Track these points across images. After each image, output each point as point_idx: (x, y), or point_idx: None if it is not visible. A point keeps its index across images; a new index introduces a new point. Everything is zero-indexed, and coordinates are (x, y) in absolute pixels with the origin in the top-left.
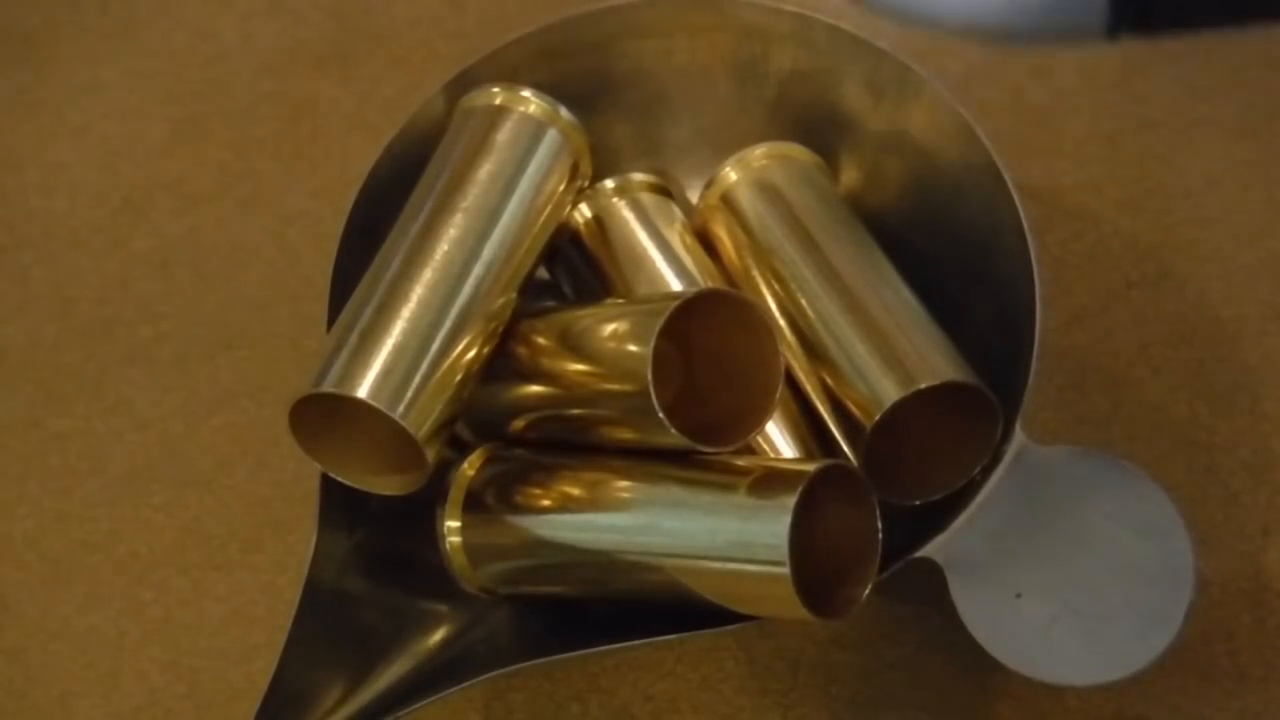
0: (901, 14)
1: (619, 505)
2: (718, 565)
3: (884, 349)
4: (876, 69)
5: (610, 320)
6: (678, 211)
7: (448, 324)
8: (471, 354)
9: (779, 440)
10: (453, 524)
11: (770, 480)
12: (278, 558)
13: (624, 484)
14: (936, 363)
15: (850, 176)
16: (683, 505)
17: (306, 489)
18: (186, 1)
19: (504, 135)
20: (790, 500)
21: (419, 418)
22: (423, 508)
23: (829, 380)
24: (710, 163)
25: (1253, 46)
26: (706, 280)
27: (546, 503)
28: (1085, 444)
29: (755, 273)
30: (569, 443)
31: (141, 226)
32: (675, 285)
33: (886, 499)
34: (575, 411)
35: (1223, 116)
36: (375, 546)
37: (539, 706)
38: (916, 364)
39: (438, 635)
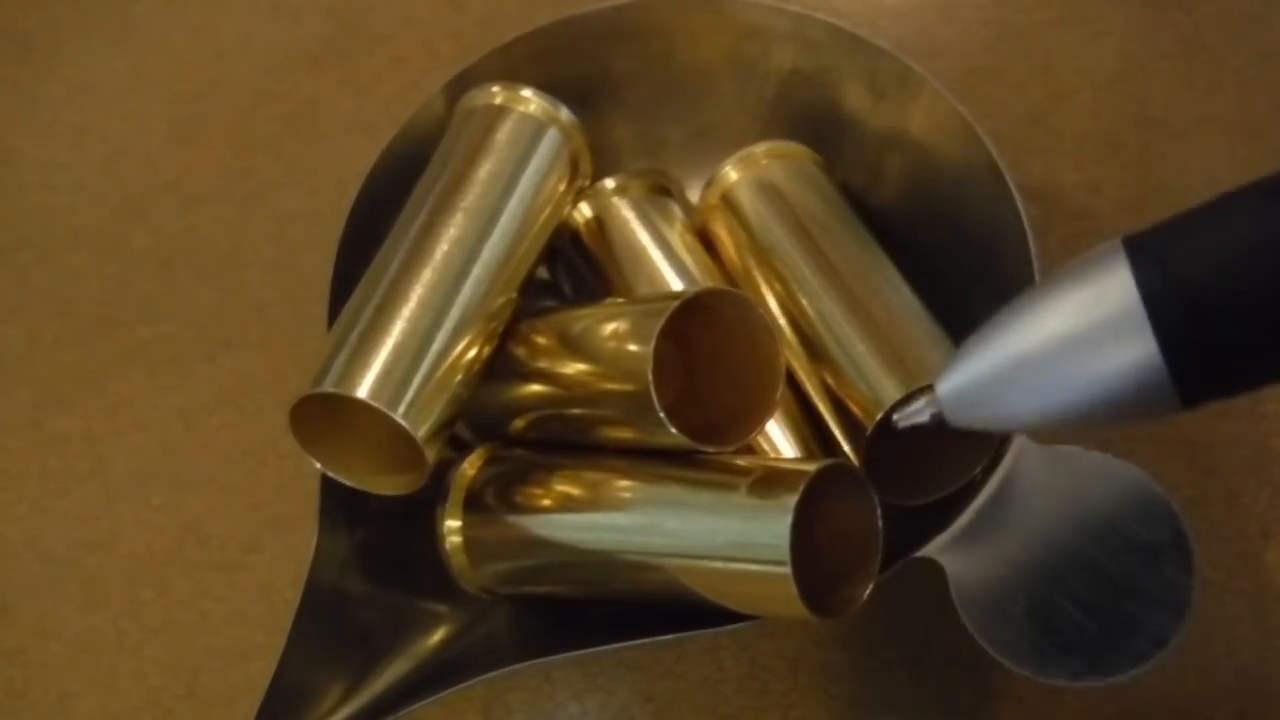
0: (980, 425)
1: (619, 505)
2: (718, 565)
3: (885, 348)
4: (877, 68)
5: (611, 320)
6: (678, 211)
7: (448, 324)
8: (472, 354)
9: (780, 440)
10: (453, 524)
11: (771, 480)
12: (277, 558)
13: (624, 484)
14: (937, 362)
15: (851, 176)
16: (683, 505)
17: (307, 489)
18: (186, 1)
19: (504, 135)
20: (791, 500)
21: (419, 418)
22: (423, 508)
23: (830, 380)
24: (710, 162)
25: (1253, 47)
26: (707, 280)
27: (547, 503)
28: (1085, 444)
29: (756, 272)
30: (569, 443)
31: (141, 226)
32: (676, 285)
33: (887, 499)
34: (576, 411)
35: (1223, 116)
36: (375, 546)
37: (538, 706)
38: (917, 363)
39: (438, 635)
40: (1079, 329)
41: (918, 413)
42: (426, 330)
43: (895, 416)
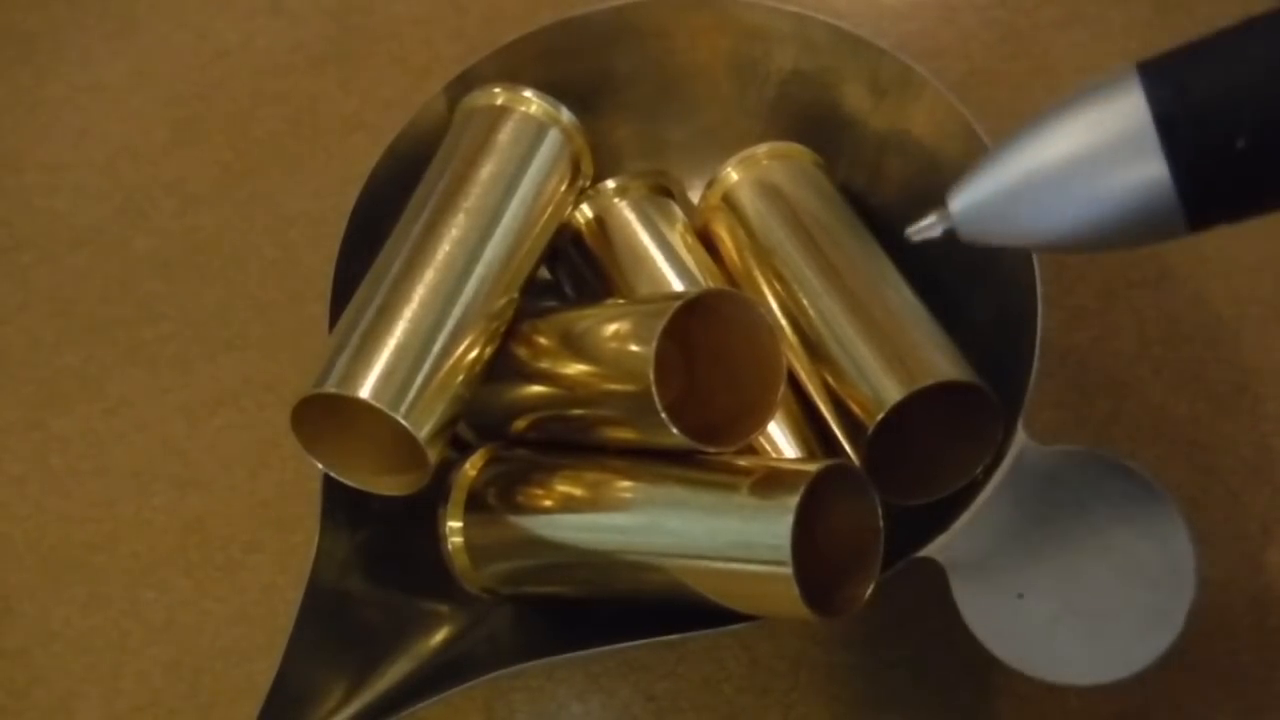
0: (990, 241)
1: (621, 505)
2: (720, 565)
3: (886, 349)
4: (877, 69)
5: (612, 320)
6: (679, 211)
7: (450, 324)
8: (473, 354)
9: (781, 440)
10: (454, 524)
11: (772, 480)
12: (279, 558)
13: (626, 484)
14: (938, 362)
15: (851, 176)
16: (685, 505)
17: (308, 489)
18: (186, 2)
19: (505, 135)
20: (792, 500)
21: (421, 418)
22: (424, 508)
23: (831, 380)
24: (711, 163)
25: None
26: (708, 280)
27: (548, 503)
28: (1086, 444)
29: (757, 272)
30: (571, 443)
31: (142, 226)
32: (677, 285)
33: (888, 499)
34: (577, 412)
35: None
36: (377, 547)
37: (541, 706)
38: (918, 364)
39: (440, 635)
40: (1089, 148)
41: (930, 227)
42: (428, 331)
43: (909, 230)
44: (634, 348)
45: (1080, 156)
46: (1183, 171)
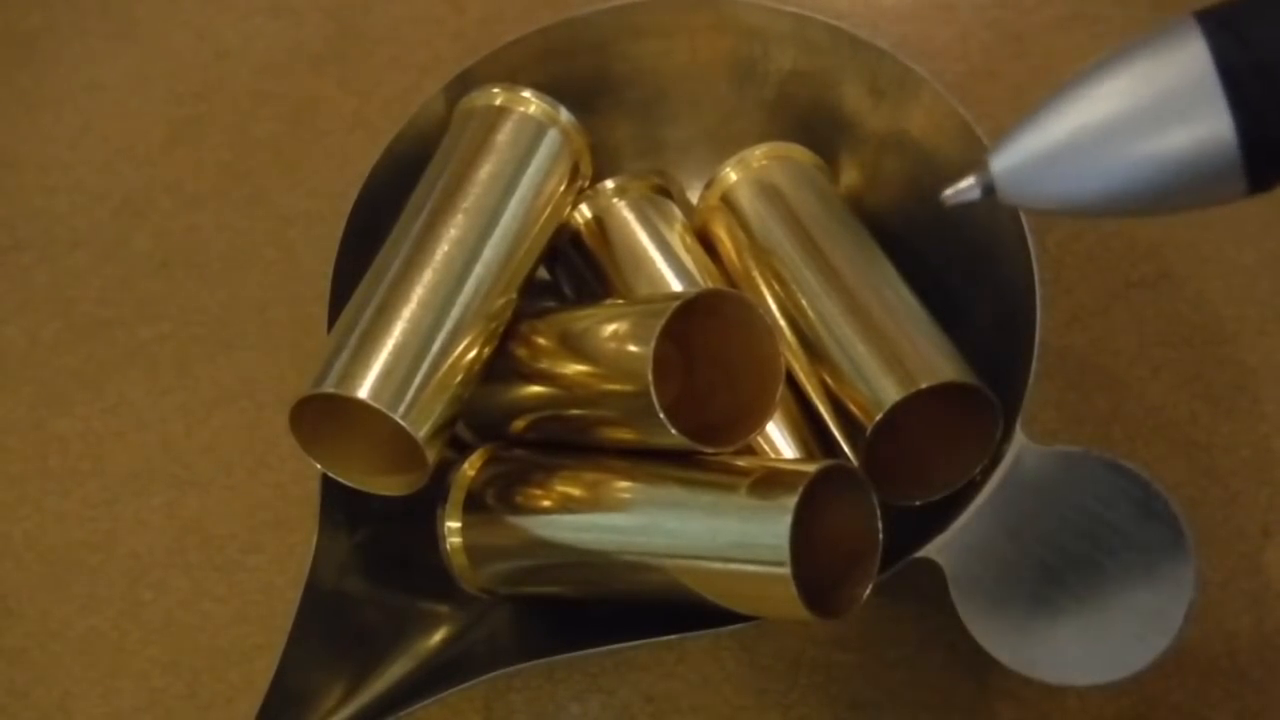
0: (1034, 204)
1: (620, 506)
2: (718, 565)
3: (884, 349)
4: (876, 69)
5: (611, 321)
6: (678, 212)
7: (448, 324)
8: (472, 354)
9: (779, 440)
10: (453, 524)
11: (771, 481)
12: (278, 558)
13: (624, 484)
14: (937, 363)
15: (850, 177)
16: (683, 506)
17: (307, 489)
18: (186, 2)
19: (504, 136)
20: (791, 501)
21: (420, 418)
22: (423, 508)
23: (829, 380)
24: (710, 163)
25: None
26: (707, 281)
27: (547, 503)
28: (1085, 444)
29: (755, 273)
30: (569, 443)
31: (141, 227)
32: (675, 286)
33: (887, 499)
34: (576, 412)
35: None
36: (376, 547)
37: (540, 707)
38: (917, 364)
39: (438, 635)
40: (1145, 101)
41: (967, 189)
42: (427, 331)
43: (945, 193)
44: (632, 348)
45: (1134, 111)
46: (1248, 126)
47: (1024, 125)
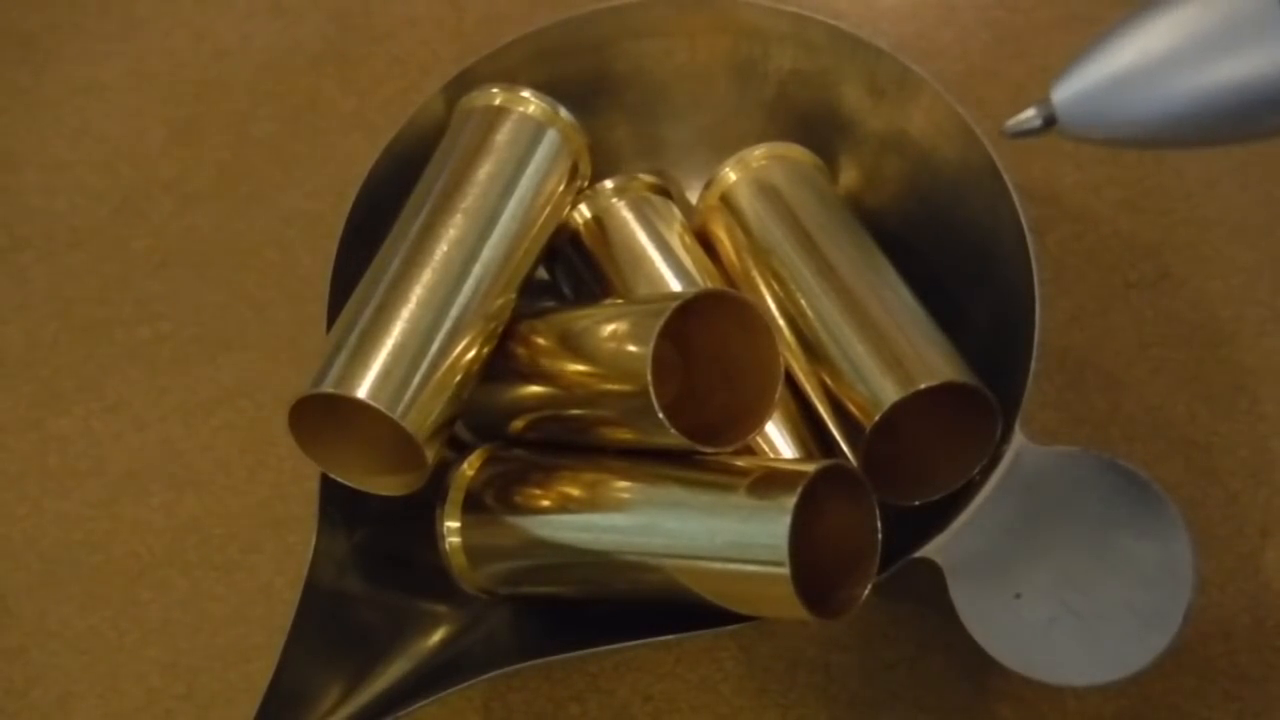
0: (1095, 134)
1: (618, 506)
2: (717, 565)
3: (883, 349)
4: (876, 69)
5: (610, 321)
6: (677, 212)
7: (447, 324)
8: (471, 354)
9: (778, 440)
10: (452, 524)
11: (770, 481)
12: (277, 558)
13: (623, 484)
14: (936, 363)
15: (850, 177)
16: (682, 506)
17: (306, 489)
18: (186, 1)
19: (503, 136)
20: (790, 501)
21: (419, 418)
22: (422, 508)
23: (828, 380)
24: (710, 163)
25: None
26: (706, 280)
27: (546, 503)
28: (1084, 444)
29: (755, 273)
30: (568, 443)
31: (140, 226)
32: (675, 286)
33: (886, 499)
34: (575, 412)
35: None
36: (375, 547)
37: (538, 707)
38: (916, 364)
39: (437, 635)
40: (1210, 28)
41: (1029, 120)
42: (426, 331)
43: (1007, 124)
44: (632, 348)
45: (1198, 36)
46: None
47: (1087, 54)
